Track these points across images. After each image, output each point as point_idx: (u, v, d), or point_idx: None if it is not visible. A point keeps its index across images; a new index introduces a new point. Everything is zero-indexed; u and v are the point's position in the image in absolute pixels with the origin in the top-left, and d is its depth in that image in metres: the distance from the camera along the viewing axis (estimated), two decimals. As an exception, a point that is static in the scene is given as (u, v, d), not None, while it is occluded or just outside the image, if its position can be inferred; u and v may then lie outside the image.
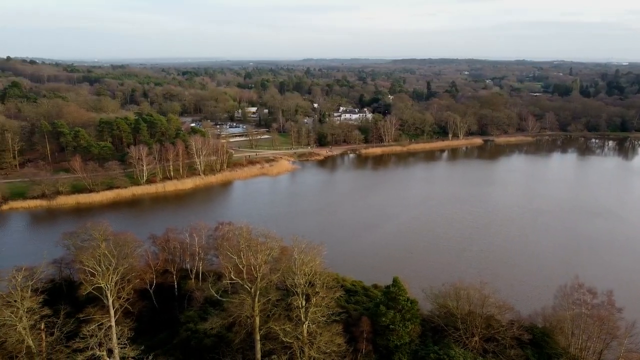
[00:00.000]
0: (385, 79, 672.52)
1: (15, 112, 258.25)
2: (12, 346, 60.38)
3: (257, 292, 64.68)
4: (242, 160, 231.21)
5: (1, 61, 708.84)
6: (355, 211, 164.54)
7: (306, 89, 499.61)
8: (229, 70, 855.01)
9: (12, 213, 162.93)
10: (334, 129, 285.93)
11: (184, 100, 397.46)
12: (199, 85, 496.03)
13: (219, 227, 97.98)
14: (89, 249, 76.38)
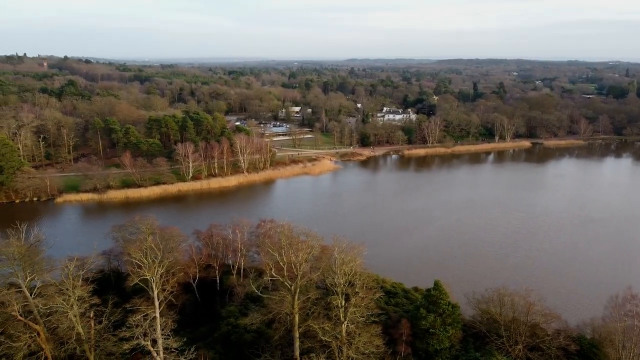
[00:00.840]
0: (430, 80, 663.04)
1: (70, 109, 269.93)
2: (63, 332, 63.16)
3: (297, 289, 65.09)
4: (284, 159, 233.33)
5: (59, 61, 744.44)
6: (396, 213, 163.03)
7: (350, 89, 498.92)
8: (273, 70, 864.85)
9: (66, 205, 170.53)
10: (377, 129, 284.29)
11: (230, 99, 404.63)
12: (244, 85, 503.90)
13: (261, 225, 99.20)
14: (137, 242, 78.86)
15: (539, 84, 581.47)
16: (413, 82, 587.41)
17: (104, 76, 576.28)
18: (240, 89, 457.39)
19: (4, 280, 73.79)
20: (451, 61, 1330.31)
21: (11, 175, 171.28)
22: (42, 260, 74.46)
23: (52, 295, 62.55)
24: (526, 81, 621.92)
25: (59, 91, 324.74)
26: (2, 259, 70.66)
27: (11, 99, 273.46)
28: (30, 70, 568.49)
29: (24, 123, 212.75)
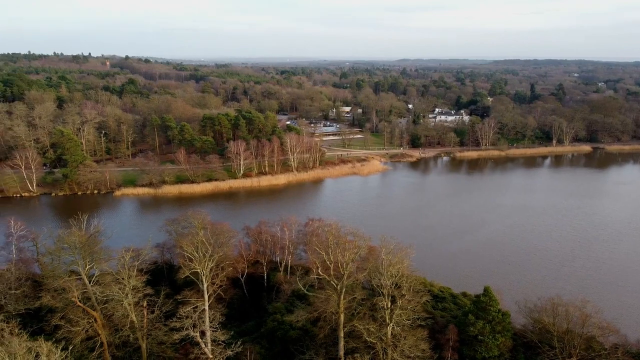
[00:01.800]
0: (484, 81, 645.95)
1: (130, 107, 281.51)
2: (118, 319, 66.00)
3: (343, 289, 65.08)
4: (334, 159, 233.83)
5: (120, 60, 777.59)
6: (446, 216, 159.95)
7: (401, 89, 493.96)
8: (325, 70, 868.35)
9: (124, 198, 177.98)
10: (428, 131, 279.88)
11: (281, 98, 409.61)
12: (296, 84, 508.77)
13: (309, 223, 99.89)
14: (189, 236, 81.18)
15: (602, 86, 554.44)
16: (467, 83, 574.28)
17: (162, 75, 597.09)
18: (292, 89, 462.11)
19: (65, 268, 78.06)
20: (507, 62, 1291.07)
21: (75, 169, 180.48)
22: (101, 250, 78.08)
23: (109, 284, 65.42)
24: (588, 83, 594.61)
25: (120, 89, 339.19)
26: (64, 247, 74.71)
27: (76, 97, 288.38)
28: (94, 69, 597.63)
29: (87, 119, 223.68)
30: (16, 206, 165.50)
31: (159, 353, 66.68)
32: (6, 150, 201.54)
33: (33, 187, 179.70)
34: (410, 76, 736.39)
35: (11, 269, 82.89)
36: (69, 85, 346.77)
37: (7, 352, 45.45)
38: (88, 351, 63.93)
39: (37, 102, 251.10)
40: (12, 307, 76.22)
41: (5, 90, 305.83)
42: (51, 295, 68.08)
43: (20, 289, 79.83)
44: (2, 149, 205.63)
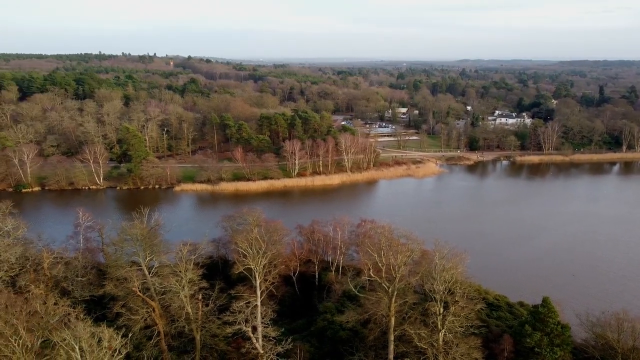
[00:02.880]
0: (549, 82, 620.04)
1: (191, 105, 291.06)
2: (174, 310, 68.48)
3: (394, 292, 64.47)
4: (388, 160, 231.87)
5: (183, 60, 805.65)
6: (503, 222, 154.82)
7: (460, 90, 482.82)
8: (382, 71, 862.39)
9: (183, 194, 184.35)
10: (487, 133, 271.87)
11: (337, 98, 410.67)
12: (352, 85, 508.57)
13: (361, 224, 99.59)
14: (243, 233, 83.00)
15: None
16: (530, 85, 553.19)
17: (222, 75, 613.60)
18: (348, 89, 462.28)
19: (127, 258, 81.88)
20: (574, 62, 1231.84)
21: (138, 164, 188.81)
22: (160, 243, 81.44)
23: (167, 276, 67.99)
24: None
25: (182, 88, 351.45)
26: (127, 239, 78.42)
27: (142, 95, 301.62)
28: (158, 69, 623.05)
29: (151, 117, 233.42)
30: (84, 198, 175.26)
31: (212, 345, 68.62)
32: (77, 145, 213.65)
33: (100, 180, 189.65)
34: (470, 77, 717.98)
35: (78, 258, 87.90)
36: (135, 84, 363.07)
37: (73, 335, 48.16)
38: (146, 339, 66.72)
39: (105, 100, 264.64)
40: (78, 293, 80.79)
41: (78, 89, 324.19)
42: (114, 284, 71.58)
43: (86, 277, 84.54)
44: (73, 144, 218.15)
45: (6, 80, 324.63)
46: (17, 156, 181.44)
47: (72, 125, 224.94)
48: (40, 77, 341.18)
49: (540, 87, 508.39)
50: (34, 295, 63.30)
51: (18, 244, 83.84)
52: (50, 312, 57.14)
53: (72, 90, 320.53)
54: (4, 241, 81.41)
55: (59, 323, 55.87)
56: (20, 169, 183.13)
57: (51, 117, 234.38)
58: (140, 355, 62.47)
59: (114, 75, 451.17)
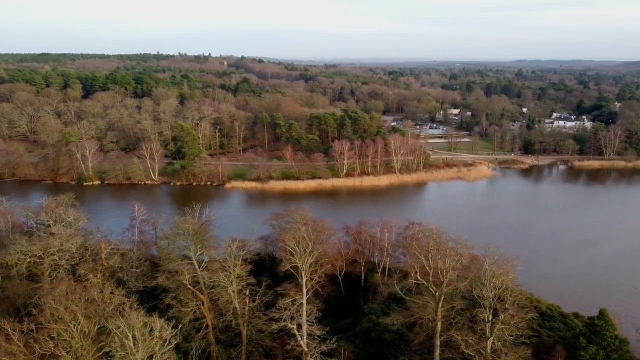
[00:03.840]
0: (612, 84, 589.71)
1: (243, 104, 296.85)
2: (222, 305, 70.10)
3: (441, 296, 63.38)
4: (438, 162, 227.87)
5: (236, 60, 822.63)
6: (557, 229, 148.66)
7: (515, 91, 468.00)
8: (434, 71, 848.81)
9: (233, 191, 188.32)
10: (544, 137, 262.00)
11: (388, 99, 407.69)
12: (403, 85, 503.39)
13: (409, 226, 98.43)
14: (291, 231, 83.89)
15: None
16: (591, 87, 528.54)
17: (274, 74, 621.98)
18: (399, 89, 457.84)
19: (179, 252, 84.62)
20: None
21: (191, 161, 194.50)
22: (210, 238, 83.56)
23: (216, 270, 69.70)
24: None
25: (235, 87, 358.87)
26: (179, 233, 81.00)
27: (196, 94, 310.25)
28: (212, 69, 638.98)
29: (204, 115, 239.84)
30: (140, 192, 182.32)
31: (257, 340, 69.77)
32: (134, 142, 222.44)
33: (155, 176, 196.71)
34: (527, 78, 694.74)
35: (134, 250, 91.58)
36: (190, 84, 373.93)
37: (127, 324, 50.27)
38: (195, 331, 68.68)
39: (162, 98, 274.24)
40: (133, 284, 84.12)
41: (137, 87, 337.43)
42: (166, 276, 74.11)
43: (140, 268, 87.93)
44: (131, 140, 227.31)
45: (71, 79, 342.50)
46: (79, 151, 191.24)
47: (130, 122, 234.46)
48: (102, 76, 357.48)
49: (602, 89, 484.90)
50: (92, 284, 66.42)
51: (79, 234, 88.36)
52: (106, 300, 59.81)
53: (132, 89, 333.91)
54: (67, 231, 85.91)
55: (114, 311, 58.44)
56: (82, 163, 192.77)
57: (111, 114, 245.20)
58: (189, 346, 64.34)
59: (170, 75, 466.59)
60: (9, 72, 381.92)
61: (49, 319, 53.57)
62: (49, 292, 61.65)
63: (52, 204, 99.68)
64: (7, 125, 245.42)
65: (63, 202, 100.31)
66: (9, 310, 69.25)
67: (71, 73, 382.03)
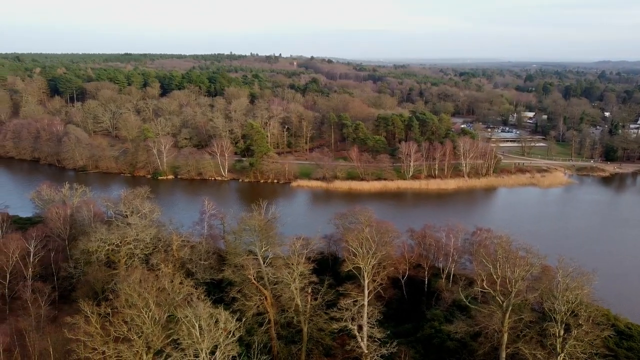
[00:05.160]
0: None
1: (311, 104, 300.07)
2: (285, 301, 71.24)
3: (509, 307, 60.96)
4: (510, 167, 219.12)
5: (306, 60, 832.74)
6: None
7: (597, 94, 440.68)
8: (508, 72, 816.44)
9: (298, 190, 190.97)
10: (628, 143, 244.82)
11: (458, 100, 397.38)
12: (474, 87, 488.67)
13: (476, 232, 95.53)
14: (354, 232, 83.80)
15: None
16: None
17: (342, 75, 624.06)
18: (470, 91, 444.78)
19: (245, 247, 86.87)
20: None
21: (260, 159, 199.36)
22: (275, 235, 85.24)
23: (280, 267, 70.92)
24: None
25: (304, 87, 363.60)
26: (245, 229, 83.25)
27: (266, 93, 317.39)
28: (283, 69, 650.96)
29: (273, 114, 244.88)
30: (210, 188, 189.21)
31: (318, 338, 70.33)
32: (206, 139, 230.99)
33: (225, 172, 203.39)
34: (610, 80, 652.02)
35: (202, 243, 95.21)
36: (261, 83, 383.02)
37: (194, 314, 52.28)
38: (257, 325, 70.30)
39: (234, 97, 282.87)
40: (201, 275, 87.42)
41: (210, 86, 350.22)
42: (232, 270, 76.36)
43: (208, 261, 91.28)
44: (203, 137, 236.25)
45: (150, 78, 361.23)
46: (156, 146, 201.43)
47: (203, 120, 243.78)
48: (179, 76, 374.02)
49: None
50: (163, 274, 69.60)
51: (153, 225, 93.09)
52: (176, 290, 62.50)
53: (205, 88, 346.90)
54: (142, 222, 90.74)
55: (183, 301, 60.98)
56: (157, 158, 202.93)
57: (186, 112, 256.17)
58: (252, 340, 65.91)
59: (242, 74, 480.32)
60: (95, 71, 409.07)
61: (124, 304, 56.75)
62: (124, 279, 65.38)
63: (130, 196, 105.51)
64: (92, 120, 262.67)
65: (140, 195, 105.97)
66: (89, 294, 74.06)
67: (150, 72, 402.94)
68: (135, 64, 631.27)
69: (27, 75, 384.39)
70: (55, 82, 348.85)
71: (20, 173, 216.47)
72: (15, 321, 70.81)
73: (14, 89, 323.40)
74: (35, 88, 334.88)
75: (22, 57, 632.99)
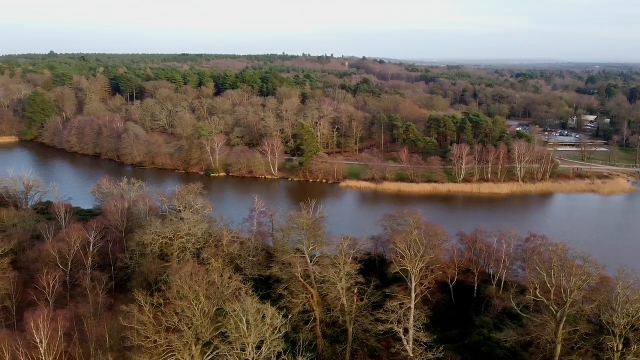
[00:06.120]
0: None
1: (362, 104, 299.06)
2: (330, 300, 71.58)
3: (563, 317, 58.61)
4: (568, 172, 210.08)
5: (357, 60, 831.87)
6: None
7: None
8: (568, 73, 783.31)
9: (347, 190, 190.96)
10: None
11: (514, 102, 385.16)
12: (531, 88, 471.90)
13: (530, 239, 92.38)
14: (402, 233, 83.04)
15: None
16: None
17: (394, 75, 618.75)
18: (527, 93, 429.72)
19: (292, 245, 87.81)
20: None
21: (309, 158, 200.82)
22: (323, 234, 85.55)
23: (327, 266, 71.29)
24: None
25: (355, 88, 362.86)
26: (293, 227, 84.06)
27: (317, 93, 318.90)
28: (334, 69, 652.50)
29: (324, 114, 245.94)
30: (260, 186, 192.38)
31: (363, 339, 70.16)
32: (258, 137, 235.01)
33: (275, 171, 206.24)
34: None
35: (251, 239, 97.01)
36: (312, 83, 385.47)
37: (242, 308, 53.44)
38: (303, 323, 70.93)
39: (285, 97, 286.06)
40: (249, 271, 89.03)
41: (262, 86, 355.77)
42: (279, 267, 77.47)
43: (256, 257, 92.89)
44: (255, 136, 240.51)
45: (205, 78, 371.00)
46: (209, 144, 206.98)
47: (255, 119, 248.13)
48: (233, 75, 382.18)
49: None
50: (213, 268, 71.52)
51: (204, 221, 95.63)
52: (225, 284, 63.99)
53: (258, 87, 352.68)
54: (194, 217, 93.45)
55: (231, 295, 62.39)
56: (210, 155, 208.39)
57: (239, 111, 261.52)
58: (297, 337, 66.56)
59: (294, 74, 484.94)
60: (154, 71, 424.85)
61: (175, 296, 58.66)
62: (176, 272, 67.57)
63: (183, 191, 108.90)
64: (150, 118, 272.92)
65: (192, 191, 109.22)
66: (143, 284, 77.00)
67: (205, 72, 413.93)
68: (192, 63, 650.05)
69: (91, 74, 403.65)
70: (116, 81, 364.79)
71: (82, 167, 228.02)
72: (75, 307, 74.56)
73: (79, 87, 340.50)
74: (98, 86, 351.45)
75: (87, 57, 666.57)
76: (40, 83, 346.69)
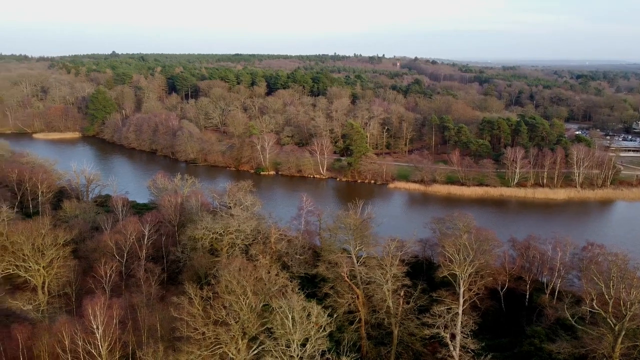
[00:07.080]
0: None
1: (413, 105, 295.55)
2: (376, 302, 71.18)
3: (622, 331, 55.77)
4: (632, 179, 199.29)
5: (410, 61, 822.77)
6: None
7: None
8: (634, 75, 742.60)
9: (395, 191, 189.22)
10: None
11: (573, 105, 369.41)
12: (593, 90, 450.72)
13: (587, 247, 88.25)
14: (452, 237, 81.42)
15: None
16: None
17: (446, 76, 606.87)
18: (587, 95, 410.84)
19: (339, 245, 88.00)
20: None
21: (358, 159, 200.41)
22: (370, 235, 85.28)
23: (373, 267, 71.01)
24: None
25: (406, 89, 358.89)
26: (341, 227, 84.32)
27: (368, 94, 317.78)
28: (385, 69, 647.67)
29: (374, 115, 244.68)
30: (308, 185, 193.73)
31: (408, 343, 69.34)
32: (307, 137, 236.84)
33: (323, 170, 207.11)
34: None
35: (299, 238, 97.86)
36: (363, 84, 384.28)
37: (288, 305, 54.10)
38: (348, 323, 70.95)
39: (335, 97, 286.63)
40: (295, 269, 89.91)
41: (313, 86, 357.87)
42: (325, 266, 77.75)
43: (303, 256, 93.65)
44: (304, 136, 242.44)
45: (258, 77, 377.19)
46: (260, 143, 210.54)
47: (305, 119, 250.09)
48: (284, 75, 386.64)
49: None
50: (260, 264, 72.70)
51: (253, 218, 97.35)
52: (272, 281, 64.98)
53: (309, 88, 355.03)
54: (244, 214, 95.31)
55: (277, 292, 63.27)
56: (261, 154, 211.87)
57: (289, 110, 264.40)
58: (342, 337, 66.62)
59: (344, 75, 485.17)
60: (208, 70, 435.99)
61: (224, 290, 60.09)
62: (225, 267, 69.12)
63: (234, 188, 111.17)
64: (203, 116, 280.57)
65: (243, 188, 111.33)
66: (193, 278, 79.33)
67: (258, 72, 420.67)
68: (245, 63, 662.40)
69: (150, 73, 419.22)
70: (173, 80, 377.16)
71: (139, 163, 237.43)
72: (129, 297, 77.73)
73: (138, 86, 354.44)
74: (155, 85, 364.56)
75: (146, 57, 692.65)
76: (102, 82, 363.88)
